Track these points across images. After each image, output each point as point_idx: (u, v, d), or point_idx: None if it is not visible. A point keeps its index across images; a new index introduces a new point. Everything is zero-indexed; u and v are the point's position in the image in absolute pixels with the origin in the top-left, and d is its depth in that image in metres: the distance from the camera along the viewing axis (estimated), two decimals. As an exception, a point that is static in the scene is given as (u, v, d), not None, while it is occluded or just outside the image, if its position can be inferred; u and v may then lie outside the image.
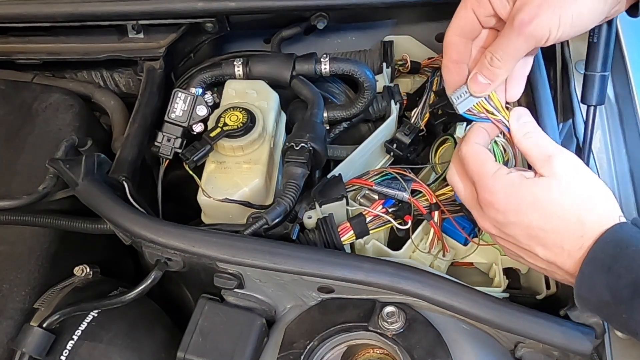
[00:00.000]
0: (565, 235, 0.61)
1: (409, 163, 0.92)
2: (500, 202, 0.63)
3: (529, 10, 0.60)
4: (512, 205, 0.63)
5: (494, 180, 0.64)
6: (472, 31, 0.67)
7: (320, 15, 0.99)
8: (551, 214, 0.61)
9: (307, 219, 0.79)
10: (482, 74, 0.66)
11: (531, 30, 0.61)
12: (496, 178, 0.64)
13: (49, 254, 0.85)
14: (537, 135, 0.66)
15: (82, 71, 1.04)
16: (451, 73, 0.68)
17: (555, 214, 0.61)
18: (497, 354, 0.72)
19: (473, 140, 0.67)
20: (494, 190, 0.64)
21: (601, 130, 0.85)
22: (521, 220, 0.62)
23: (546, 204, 0.62)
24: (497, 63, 0.65)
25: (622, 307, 0.57)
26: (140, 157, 0.87)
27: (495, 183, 0.64)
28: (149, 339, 0.82)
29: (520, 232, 0.63)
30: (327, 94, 0.95)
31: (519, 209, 0.62)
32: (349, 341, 0.74)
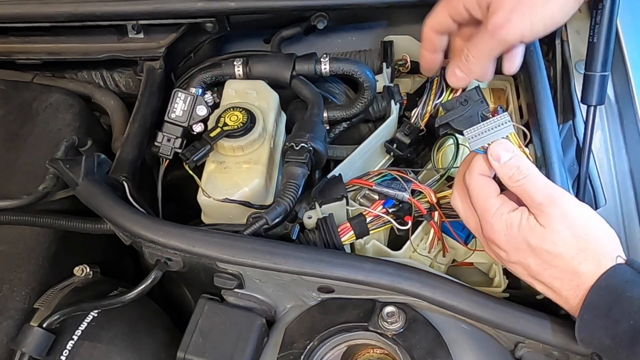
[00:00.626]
0: (562, 282, 0.63)
1: (409, 163, 0.92)
2: (501, 242, 0.65)
3: (502, 15, 0.65)
4: (512, 246, 0.64)
5: (495, 219, 0.65)
6: (446, 29, 0.75)
7: (320, 15, 0.99)
8: (548, 263, 0.63)
9: (307, 219, 0.79)
10: (459, 67, 0.74)
11: (504, 34, 0.67)
12: (497, 218, 0.65)
13: (49, 254, 0.85)
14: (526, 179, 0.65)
15: (82, 71, 1.04)
16: (427, 61, 0.80)
17: (551, 263, 0.63)
18: (497, 354, 0.72)
19: (476, 172, 0.68)
20: (495, 229, 0.65)
21: (601, 130, 0.85)
22: (522, 261, 0.64)
23: (542, 253, 0.63)
24: (472, 60, 0.72)
25: (623, 351, 0.58)
26: (140, 157, 0.87)
27: (496, 223, 0.65)
28: (149, 339, 0.82)
29: (522, 271, 0.65)
30: (327, 94, 0.95)
31: (519, 251, 0.64)
32: (349, 341, 0.74)
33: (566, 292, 0.62)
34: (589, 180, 0.81)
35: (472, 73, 0.73)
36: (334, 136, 0.95)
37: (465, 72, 0.74)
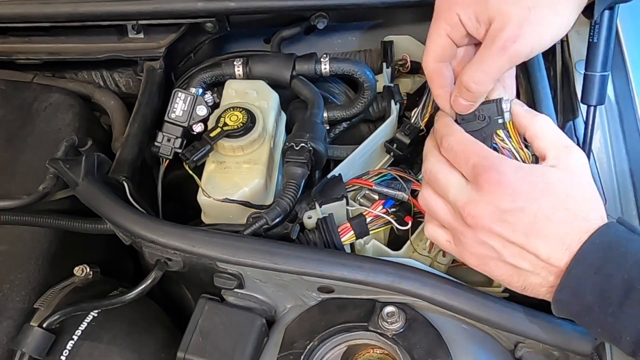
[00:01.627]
0: (570, 228, 0.59)
1: (409, 163, 0.92)
2: (509, 184, 0.59)
3: (511, 31, 0.61)
4: (522, 188, 0.59)
5: (501, 160, 0.61)
6: (450, 54, 0.67)
7: (320, 15, 0.99)
8: (561, 204, 0.59)
9: (307, 219, 0.79)
10: (463, 97, 0.66)
11: (515, 49, 0.62)
12: (503, 160, 0.61)
13: (49, 254, 0.85)
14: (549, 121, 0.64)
15: (82, 71, 1.04)
16: (444, 99, 0.68)
17: (565, 205, 0.59)
18: (497, 354, 0.72)
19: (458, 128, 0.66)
20: (502, 170, 0.60)
21: (601, 130, 0.85)
22: (529, 206, 0.59)
23: (559, 193, 0.59)
24: (474, 87, 0.64)
25: (609, 309, 0.56)
26: (140, 157, 0.87)
27: (503, 164, 0.61)
28: (149, 339, 0.82)
29: (524, 220, 0.59)
30: (327, 94, 0.95)
31: (530, 194, 0.59)
32: (349, 341, 0.74)
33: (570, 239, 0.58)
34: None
35: (477, 99, 0.66)
36: (334, 136, 0.95)
37: (470, 99, 0.66)
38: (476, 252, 0.63)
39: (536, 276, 0.61)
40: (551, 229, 0.59)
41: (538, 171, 0.61)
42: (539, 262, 0.60)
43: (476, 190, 0.61)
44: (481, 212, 0.61)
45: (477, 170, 0.61)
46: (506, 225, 0.60)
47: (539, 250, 0.59)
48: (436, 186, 0.66)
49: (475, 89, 0.64)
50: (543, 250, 0.59)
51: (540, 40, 0.63)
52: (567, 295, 0.58)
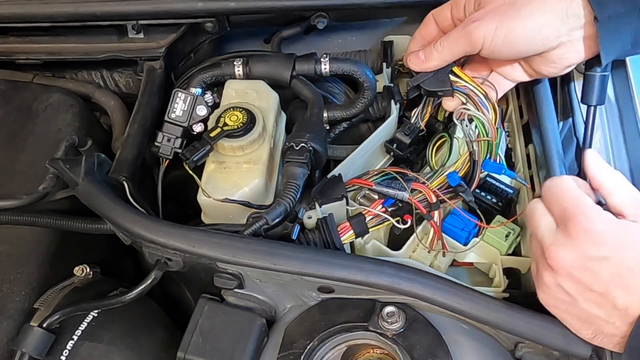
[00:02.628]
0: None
1: (409, 163, 0.92)
2: (598, 233, 0.60)
3: (480, 13, 0.70)
4: (610, 238, 0.60)
5: (594, 210, 0.61)
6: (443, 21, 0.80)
7: (320, 15, 0.99)
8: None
9: (307, 219, 0.79)
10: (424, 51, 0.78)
11: (470, 29, 0.71)
12: (595, 210, 0.61)
13: (49, 254, 0.85)
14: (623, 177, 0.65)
15: (82, 71, 1.04)
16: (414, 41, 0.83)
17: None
18: (497, 354, 0.72)
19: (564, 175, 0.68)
20: (593, 219, 0.60)
21: (601, 130, 0.84)
22: (615, 256, 0.59)
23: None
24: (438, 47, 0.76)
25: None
26: (140, 157, 0.87)
27: (594, 215, 0.61)
28: (149, 339, 0.82)
29: (607, 270, 0.59)
30: (327, 94, 0.95)
31: (617, 245, 0.59)
32: (349, 341, 0.74)
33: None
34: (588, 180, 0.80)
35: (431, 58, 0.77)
36: (334, 136, 0.95)
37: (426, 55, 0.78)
38: (551, 293, 0.64)
39: (610, 325, 0.61)
40: (634, 280, 0.59)
41: (626, 225, 0.61)
42: (615, 312, 0.60)
43: (563, 234, 0.62)
44: (564, 256, 0.61)
45: (567, 214, 0.62)
46: (588, 273, 0.60)
47: (617, 299, 0.59)
48: (530, 223, 0.67)
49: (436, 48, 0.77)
50: (621, 300, 0.59)
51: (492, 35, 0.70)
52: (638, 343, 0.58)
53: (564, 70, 0.78)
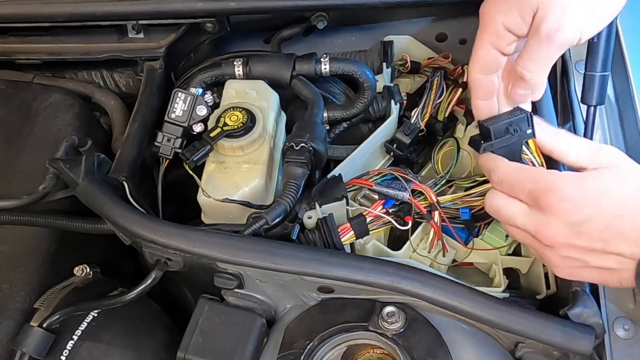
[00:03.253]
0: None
1: (409, 163, 0.92)
2: (569, 198, 0.60)
3: (554, 20, 0.62)
4: (585, 196, 0.60)
5: (554, 178, 0.62)
6: (494, 65, 0.68)
7: (320, 15, 0.99)
8: (625, 198, 0.60)
9: (307, 219, 0.79)
10: (520, 87, 0.68)
11: (560, 37, 0.63)
12: (555, 177, 0.62)
13: (49, 254, 0.85)
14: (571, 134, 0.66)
15: (82, 71, 1.04)
16: (481, 111, 0.70)
17: (629, 195, 0.60)
18: (497, 354, 0.72)
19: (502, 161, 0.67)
20: (558, 187, 0.60)
21: (601, 130, 0.85)
22: (597, 210, 0.59)
23: (618, 189, 0.60)
24: (528, 75, 0.65)
25: None
26: (140, 157, 0.87)
27: (558, 182, 0.61)
28: (149, 339, 0.82)
29: (597, 227, 0.59)
30: (327, 94, 0.95)
31: (592, 200, 0.60)
32: (349, 341, 0.74)
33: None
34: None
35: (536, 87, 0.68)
36: (334, 136, 0.95)
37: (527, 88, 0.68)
38: (562, 265, 0.64)
39: (627, 271, 0.61)
40: (626, 225, 0.59)
41: (590, 177, 0.62)
42: (625, 260, 0.60)
43: (541, 213, 0.62)
44: (554, 231, 0.61)
45: (535, 195, 0.62)
46: (582, 236, 0.60)
47: (621, 249, 0.60)
48: (502, 219, 0.67)
49: (529, 77, 0.65)
50: (626, 249, 0.59)
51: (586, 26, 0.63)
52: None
53: None
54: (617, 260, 0.60)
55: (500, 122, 0.68)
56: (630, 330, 0.67)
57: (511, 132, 0.68)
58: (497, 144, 0.68)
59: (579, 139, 0.66)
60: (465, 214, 0.79)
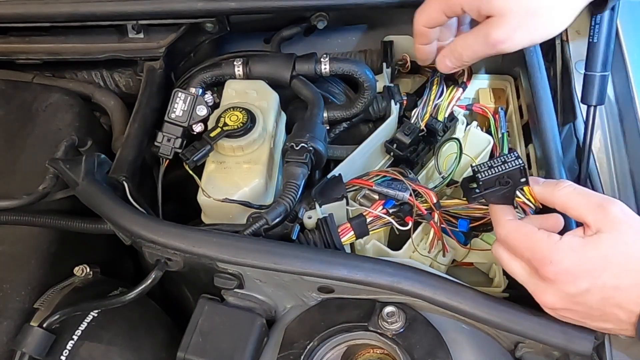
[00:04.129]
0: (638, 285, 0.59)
1: (409, 163, 0.92)
2: (568, 272, 0.60)
3: (505, 32, 0.69)
4: (581, 270, 0.59)
5: (551, 250, 0.61)
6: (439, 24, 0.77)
7: (320, 15, 0.99)
8: (624, 269, 0.59)
9: (307, 219, 0.79)
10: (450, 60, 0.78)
11: (504, 48, 0.71)
12: (553, 247, 0.61)
13: (49, 254, 0.85)
14: (571, 185, 0.64)
15: (82, 71, 1.04)
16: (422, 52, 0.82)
17: (627, 267, 0.59)
18: (497, 354, 0.72)
19: (505, 219, 0.66)
20: (556, 260, 0.60)
21: (601, 130, 0.85)
22: (594, 284, 0.59)
23: (618, 261, 0.59)
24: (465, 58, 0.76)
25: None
26: (140, 157, 0.87)
27: (555, 253, 0.61)
28: (149, 339, 0.82)
29: (594, 298, 0.60)
30: (327, 94, 0.95)
31: (591, 273, 0.59)
32: (349, 341, 0.74)
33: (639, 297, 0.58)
34: (589, 180, 0.81)
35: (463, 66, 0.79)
36: (334, 136, 0.95)
37: (457, 65, 0.79)
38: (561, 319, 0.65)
39: (624, 330, 0.62)
40: (623, 296, 0.59)
41: (590, 245, 0.60)
42: (622, 323, 0.61)
43: (540, 280, 0.63)
44: (551, 299, 0.62)
45: (534, 263, 0.62)
46: (580, 306, 0.61)
47: (617, 315, 0.60)
48: (504, 267, 0.67)
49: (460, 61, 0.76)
50: (622, 315, 0.60)
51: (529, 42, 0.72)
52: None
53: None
54: (615, 323, 0.61)
55: (492, 174, 0.66)
56: (630, 330, 0.67)
57: (502, 184, 0.67)
58: (487, 195, 0.67)
59: (580, 191, 0.64)
60: (463, 225, 0.79)
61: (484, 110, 0.94)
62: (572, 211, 0.63)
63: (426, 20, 0.77)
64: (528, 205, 0.68)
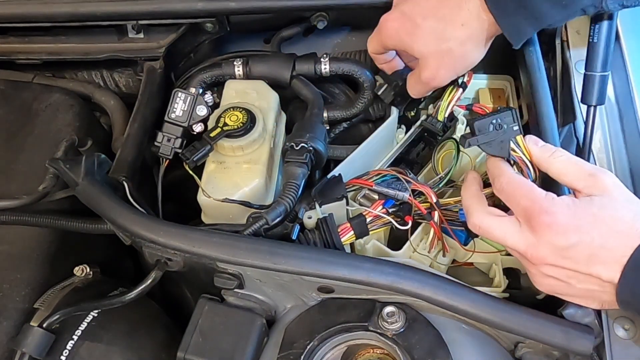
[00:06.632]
0: (625, 248, 0.61)
1: (409, 163, 0.92)
2: (560, 223, 0.62)
3: (430, 73, 0.79)
4: (572, 225, 0.62)
5: (549, 202, 0.64)
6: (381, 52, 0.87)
7: (320, 15, 0.99)
8: (611, 230, 0.62)
9: (307, 219, 0.79)
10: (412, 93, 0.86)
11: (436, 84, 0.82)
12: (550, 200, 0.64)
13: (49, 254, 0.85)
14: (567, 154, 0.68)
15: (82, 71, 1.04)
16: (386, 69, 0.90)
17: (615, 228, 0.62)
18: (497, 354, 0.72)
19: (507, 169, 0.69)
20: (551, 211, 0.63)
21: (601, 130, 0.85)
22: (583, 239, 0.62)
23: (606, 221, 0.62)
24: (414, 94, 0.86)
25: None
26: (140, 157, 0.87)
27: (552, 205, 0.63)
28: (149, 339, 0.82)
29: (582, 254, 0.62)
30: (327, 94, 0.95)
31: (581, 228, 0.62)
32: (349, 341, 0.74)
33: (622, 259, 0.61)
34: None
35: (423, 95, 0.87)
36: (334, 136, 0.95)
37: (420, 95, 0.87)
38: (545, 282, 0.67)
39: (607, 294, 0.63)
40: (608, 255, 0.61)
41: (582, 204, 0.63)
42: (604, 284, 0.62)
43: (532, 233, 0.65)
44: (542, 253, 0.64)
45: (528, 213, 0.65)
46: (567, 260, 0.63)
47: (601, 275, 0.62)
48: (493, 238, 0.69)
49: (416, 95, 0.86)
50: (605, 274, 0.62)
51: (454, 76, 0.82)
52: (627, 296, 0.61)
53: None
54: (598, 284, 0.63)
55: (485, 118, 0.71)
56: (630, 330, 0.67)
57: (496, 128, 0.70)
58: (481, 139, 0.70)
59: (575, 160, 0.68)
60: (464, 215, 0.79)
61: (484, 110, 0.94)
62: (565, 178, 0.67)
63: (372, 49, 0.87)
64: (525, 163, 0.71)
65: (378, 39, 0.84)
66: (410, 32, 0.79)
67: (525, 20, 0.74)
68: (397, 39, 0.81)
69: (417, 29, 0.78)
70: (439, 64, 0.79)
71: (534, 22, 0.74)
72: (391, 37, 0.82)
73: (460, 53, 0.78)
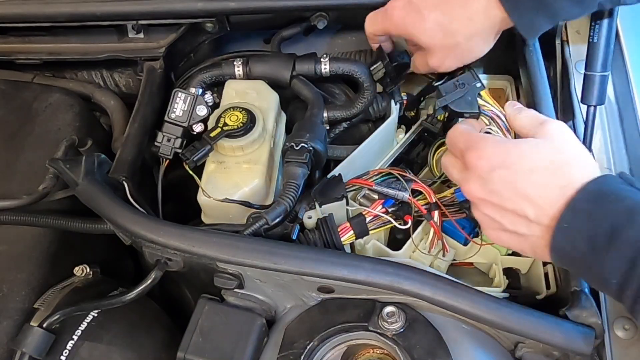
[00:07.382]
0: (553, 187, 0.61)
1: (409, 163, 0.92)
2: (487, 156, 0.65)
3: (437, 61, 0.80)
4: (498, 157, 0.64)
5: (481, 138, 0.67)
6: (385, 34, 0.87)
7: (320, 15, 0.99)
8: (538, 166, 0.63)
9: (307, 219, 0.79)
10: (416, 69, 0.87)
11: (442, 70, 0.81)
12: (482, 139, 0.67)
13: (49, 254, 0.85)
14: (529, 110, 0.73)
15: (82, 71, 1.04)
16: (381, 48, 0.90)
17: (543, 165, 0.62)
18: (497, 354, 0.72)
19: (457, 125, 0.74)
20: (480, 145, 0.66)
21: (601, 130, 0.85)
22: (508, 172, 0.63)
23: (533, 157, 0.63)
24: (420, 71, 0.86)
25: (598, 256, 0.57)
26: (140, 157, 0.87)
27: (483, 140, 0.67)
28: (149, 339, 0.82)
29: (507, 187, 0.63)
30: (327, 94, 0.95)
31: (505, 161, 0.64)
32: (349, 341, 0.74)
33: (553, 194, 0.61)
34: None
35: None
36: (334, 136, 0.95)
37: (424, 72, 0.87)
38: (485, 226, 0.69)
39: (537, 238, 0.63)
40: (533, 190, 0.62)
41: (514, 142, 0.66)
42: (531, 224, 0.63)
43: (465, 170, 0.68)
44: (472, 187, 0.67)
45: (462, 152, 0.68)
46: (493, 194, 0.65)
47: (526, 212, 0.63)
48: (447, 174, 0.74)
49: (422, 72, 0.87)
50: (530, 212, 0.62)
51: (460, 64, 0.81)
52: (562, 242, 0.60)
53: None
54: (525, 225, 0.63)
55: (448, 81, 0.80)
56: (630, 330, 0.67)
57: (459, 87, 0.79)
58: (449, 97, 0.78)
59: (534, 113, 0.71)
60: (460, 195, 0.79)
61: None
62: (523, 130, 0.71)
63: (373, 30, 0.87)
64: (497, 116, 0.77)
65: (382, 24, 0.84)
66: (416, 24, 0.78)
67: (541, 16, 0.74)
68: (402, 28, 0.81)
69: (423, 21, 0.77)
70: (445, 55, 0.79)
71: (550, 17, 0.74)
72: (397, 26, 0.81)
73: (468, 47, 0.78)
